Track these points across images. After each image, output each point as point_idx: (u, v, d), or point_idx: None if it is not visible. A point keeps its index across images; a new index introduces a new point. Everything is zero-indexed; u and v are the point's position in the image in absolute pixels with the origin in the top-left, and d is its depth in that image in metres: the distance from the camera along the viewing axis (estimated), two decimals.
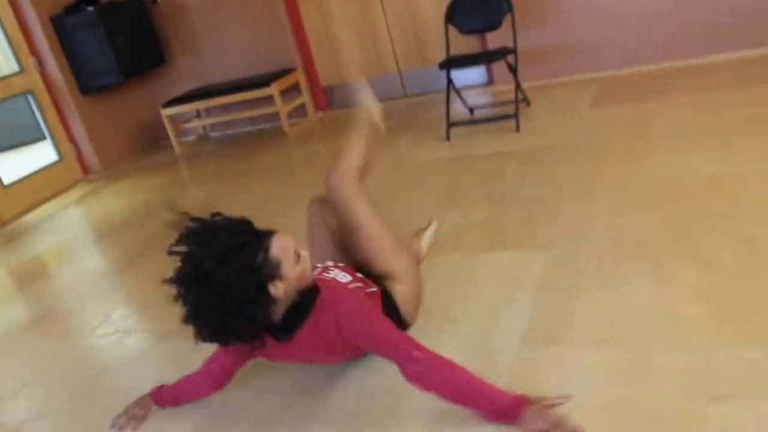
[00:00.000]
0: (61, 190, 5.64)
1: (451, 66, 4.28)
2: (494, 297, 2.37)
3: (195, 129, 6.42)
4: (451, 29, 4.46)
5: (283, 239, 1.78)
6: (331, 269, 2.11)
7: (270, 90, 5.46)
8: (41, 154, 5.94)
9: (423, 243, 2.74)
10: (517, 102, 4.17)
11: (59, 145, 5.75)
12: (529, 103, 4.57)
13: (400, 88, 5.70)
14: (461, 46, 4.74)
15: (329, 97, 5.97)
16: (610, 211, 2.79)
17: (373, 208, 2.22)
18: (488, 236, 2.87)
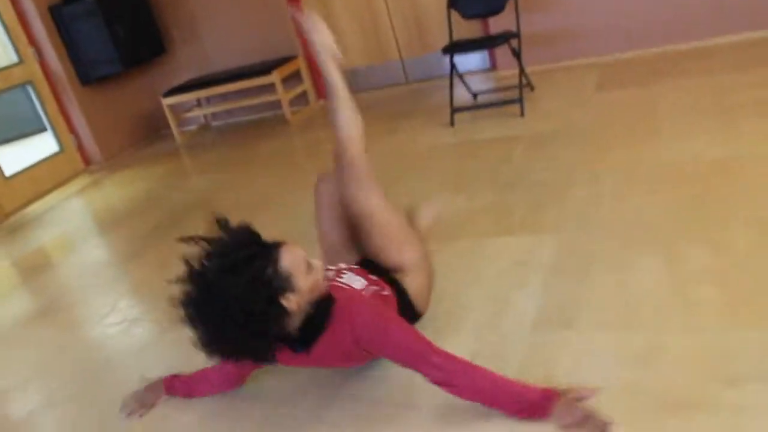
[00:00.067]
0: (63, 182, 5.62)
1: (455, 51, 4.25)
2: (503, 282, 2.35)
3: (196, 118, 6.39)
4: (453, 14, 4.42)
5: (293, 250, 1.74)
6: (345, 273, 2.04)
7: (271, 78, 5.42)
8: (42, 146, 5.91)
9: (423, 223, 2.68)
10: (521, 86, 4.14)
11: (60, 137, 5.73)
12: (533, 88, 4.53)
13: (402, 75, 5.67)
14: (464, 31, 4.70)
15: None
16: (618, 195, 2.77)
17: (384, 195, 2.16)
18: (495, 221, 2.85)
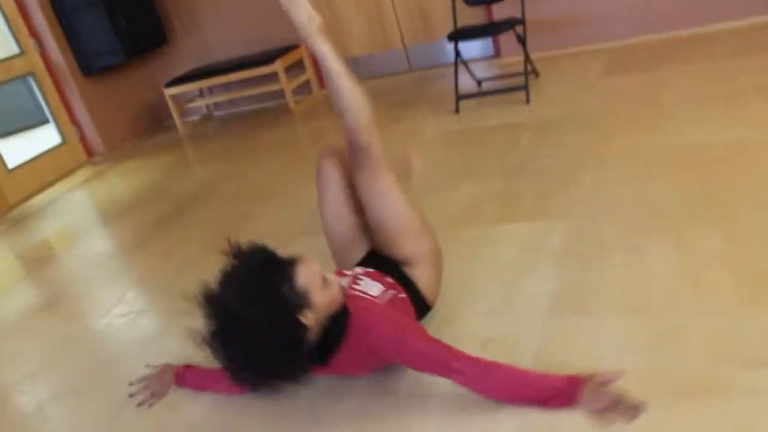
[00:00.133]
0: (66, 173, 5.60)
1: (460, 37, 4.21)
2: (515, 268, 2.34)
3: (199, 108, 6.36)
4: (457, 1, 4.38)
5: (309, 266, 1.72)
6: (361, 278, 1.99)
7: (274, 67, 5.39)
8: (44, 138, 5.89)
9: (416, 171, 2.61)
10: (527, 73, 4.11)
11: (62, 128, 5.71)
12: (538, 75, 4.51)
13: (405, 63, 5.64)
14: (467, 18, 4.67)
15: None
16: (626, 180, 2.75)
17: (399, 183, 2.09)
18: (504, 208, 2.84)
